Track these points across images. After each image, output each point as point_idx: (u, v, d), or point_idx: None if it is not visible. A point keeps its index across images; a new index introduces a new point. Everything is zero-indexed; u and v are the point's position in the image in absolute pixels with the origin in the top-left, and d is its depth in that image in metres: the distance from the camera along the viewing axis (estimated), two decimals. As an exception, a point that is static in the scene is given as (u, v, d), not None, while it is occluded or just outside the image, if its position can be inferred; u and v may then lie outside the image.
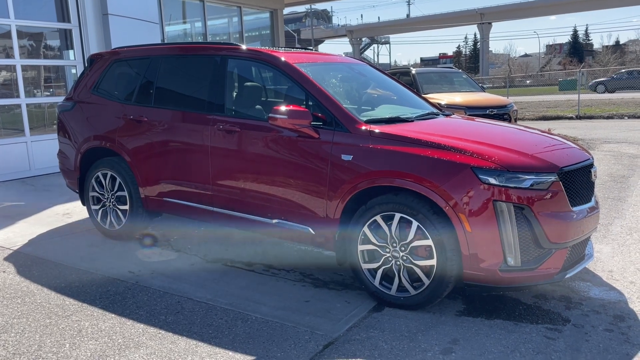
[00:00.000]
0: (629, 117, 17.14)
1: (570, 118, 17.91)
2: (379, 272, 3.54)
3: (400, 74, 12.28)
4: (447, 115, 4.59)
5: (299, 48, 5.33)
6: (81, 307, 3.63)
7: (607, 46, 74.24)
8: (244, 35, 14.35)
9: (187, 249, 4.82)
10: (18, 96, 8.58)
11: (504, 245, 3.20)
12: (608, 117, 17.46)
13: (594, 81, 36.69)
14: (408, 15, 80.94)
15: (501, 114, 10.48)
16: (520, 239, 3.20)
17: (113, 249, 4.86)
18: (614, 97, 27.16)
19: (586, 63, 57.72)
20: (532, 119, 17.75)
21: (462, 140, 3.52)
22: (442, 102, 9.97)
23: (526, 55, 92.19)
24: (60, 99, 6.76)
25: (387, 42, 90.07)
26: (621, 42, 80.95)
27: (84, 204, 5.39)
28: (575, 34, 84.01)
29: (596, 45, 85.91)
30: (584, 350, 2.99)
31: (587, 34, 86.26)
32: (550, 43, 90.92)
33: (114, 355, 2.99)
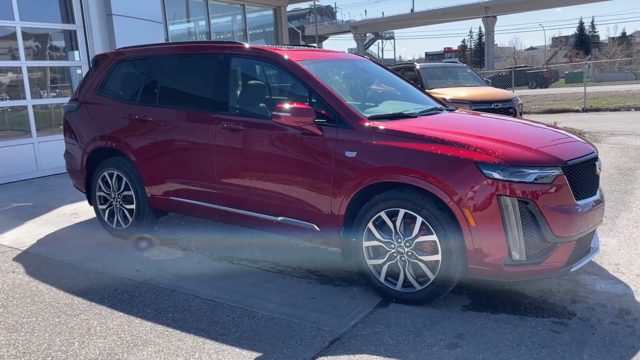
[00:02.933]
0: (635, 110, 17.03)
1: (577, 111, 17.82)
2: (384, 268, 3.55)
3: (405, 70, 12.27)
4: (450, 110, 4.58)
5: (302, 45, 5.33)
6: (89, 306, 3.67)
7: (613, 38, 73.70)
8: (247, 33, 14.36)
9: (193, 247, 4.85)
10: (24, 97, 8.64)
11: (509, 239, 3.20)
12: (615, 110, 17.36)
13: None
14: (412, 10, 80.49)
15: (506, 108, 10.45)
16: (524, 233, 3.20)
17: (120, 248, 4.90)
18: (621, 89, 26.97)
19: (592, 55, 57.32)
20: (538, 113, 17.67)
21: (465, 135, 3.52)
22: (447, 97, 9.95)
23: (532, 48, 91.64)
24: (66, 100, 6.80)
25: (392, 38, 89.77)
26: (628, 34, 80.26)
27: (91, 203, 5.43)
28: (581, 26, 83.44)
29: (602, 37, 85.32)
30: (590, 343, 2.99)
31: (593, 25, 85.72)
32: (556, 35, 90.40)
33: (122, 353, 3.02)
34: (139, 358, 2.96)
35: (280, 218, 4.06)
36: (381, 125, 3.66)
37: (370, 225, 3.56)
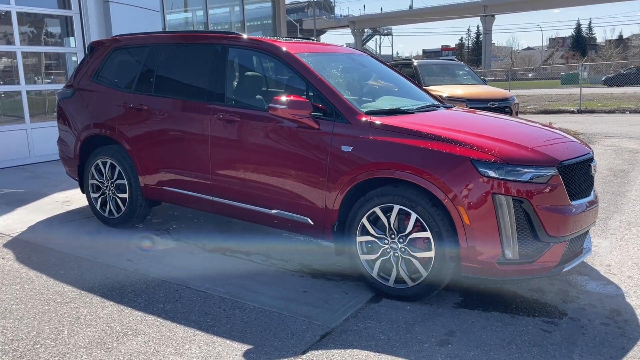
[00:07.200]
0: (630, 112, 17.11)
1: (572, 112, 17.88)
2: (377, 263, 3.55)
3: (402, 66, 12.25)
4: (447, 108, 4.57)
5: (301, 38, 5.30)
6: (80, 294, 3.64)
7: (610, 40, 73.95)
8: (245, 25, 14.28)
9: (186, 238, 4.83)
10: (18, 83, 8.56)
11: (502, 238, 3.20)
12: (609, 112, 17.42)
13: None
14: (411, 7, 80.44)
15: (502, 107, 10.47)
16: (518, 232, 3.21)
17: (112, 237, 4.87)
18: (616, 91, 27.08)
19: (589, 57, 57.50)
20: (534, 113, 17.71)
21: (462, 132, 3.51)
22: (444, 95, 9.95)
23: (529, 48, 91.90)
24: (60, 86, 6.74)
25: (390, 34, 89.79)
26: (624, 37, 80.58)
27: (83, 191, 5.39)
28: (578, 28, 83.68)
29: (599, 39, 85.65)
30: (580, 343, 3.00)
31: (590, 27, 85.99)
32: (553, 36, 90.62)
33: (112, 342, 3.00)
34: (129, 347, 2.94)
35: (274, 211, 4.04)
36: (378, 121, 3.64)
37: (364, 220, 3.54)
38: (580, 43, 78.71)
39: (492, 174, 3.18)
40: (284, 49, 4.15)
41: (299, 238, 4.73)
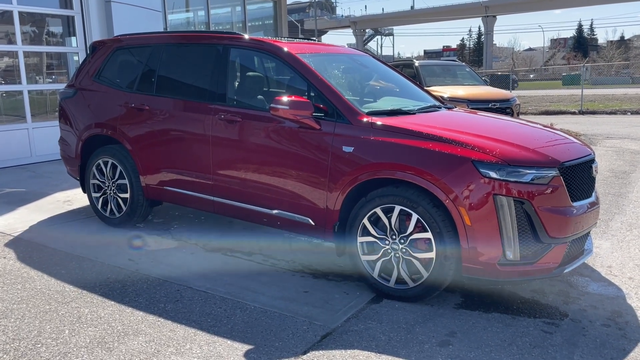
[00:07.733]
0: (632, 113, 17.11)
1: (573, 113, 17.88)
2: (378, 264, 3.55)
3: (404, 67, 12.25)
4: (449, 108, 4.57)
5: (302, 38, 5.31)
6: (81, 294, 3.65)
7: (611, 41, 73.90)
8: (247, 25, 14.29)
9: (187, 238, 4.83)
10: (20, 82, 8.57)
11: (503, 239, 3.20)
12: (611, 113, 17.42)
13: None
14: (412, 7, 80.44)
15: (504, 107, 10.48)
16: (519, 233, 3.20)
17: (113, 237, 4.87)
18: (617, 92, 27.06)
19: (590, 58, 57.46)
20: (535, 114, 17.72)
21: (463, 133, 3.51)
22: (445, 95, 9.96)
23: (530, 49, 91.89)
24: (62, 86, 6.75)
25: (391, 34, 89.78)
26: (626, 38, 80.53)
27: (84, 191, 5.40)
28: (579, 29, 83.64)
29: (601, 40, 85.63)
30: (581, 344, 3.00)
31: (591, 28, 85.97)
32: (555, 37, 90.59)
33: (113, 341, 3.01)
34: (130, 347, 2.95)
35: (275, 211, 4.04)
36: (379, 121, 3.64)
37: (365, 221, 3.54)
38: (582, 44, 78.70)
39: (493, 174, 3.18)
40: (286, 49, 4.15)
41: (300, 238, 4.73)
